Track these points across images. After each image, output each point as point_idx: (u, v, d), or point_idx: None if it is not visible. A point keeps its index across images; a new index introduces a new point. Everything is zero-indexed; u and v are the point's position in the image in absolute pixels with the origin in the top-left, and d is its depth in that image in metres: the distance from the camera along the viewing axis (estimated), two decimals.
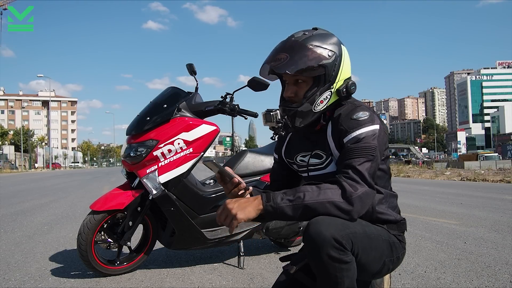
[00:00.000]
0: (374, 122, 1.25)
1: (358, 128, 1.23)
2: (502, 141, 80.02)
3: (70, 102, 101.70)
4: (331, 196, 1.15)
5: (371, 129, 1.23)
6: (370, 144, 1.21)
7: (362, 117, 1.25)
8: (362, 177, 1.18)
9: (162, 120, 2.30)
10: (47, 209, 5.74)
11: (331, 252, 1.10)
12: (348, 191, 1.15)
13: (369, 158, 1.21)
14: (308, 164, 1.38)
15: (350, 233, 1.15)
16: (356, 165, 1.19)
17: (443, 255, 2.82)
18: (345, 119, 1.27)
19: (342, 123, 1.27)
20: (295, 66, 1.24)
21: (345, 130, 1.25)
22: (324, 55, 1.27)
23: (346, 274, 1.13)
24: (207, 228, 2.40)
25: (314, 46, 1.26)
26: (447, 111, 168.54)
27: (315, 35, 1.29)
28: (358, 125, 1.24)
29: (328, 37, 1.31)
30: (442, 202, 6.09)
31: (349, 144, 1.23)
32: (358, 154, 1.20)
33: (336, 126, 1.29)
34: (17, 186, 11.94)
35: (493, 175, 14.11)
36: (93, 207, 2.27)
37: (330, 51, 1.28)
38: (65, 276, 2.43)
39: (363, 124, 1.24)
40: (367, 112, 1.26)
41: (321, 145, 1.34)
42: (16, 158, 51.67)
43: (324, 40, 1.29)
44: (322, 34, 1.30)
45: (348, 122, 1.26)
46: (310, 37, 1.28)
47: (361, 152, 1.20)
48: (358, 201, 1.16)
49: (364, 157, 1.20)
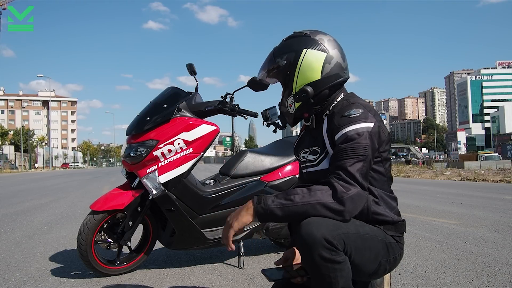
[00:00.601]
0: (367, 120, 1.24)
1: (348, 125, 1.23)
2: (502, 141, 80.00)
3: (70, 102, 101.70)
4: (321, 197, 1.16)
5: (362, 127, 1.23)
6: (361, 143, 1.21)
7: (353, 114, 1.25)
8: (353, 178, 1.18)
9: (162, 120, 2.30)
10: (47, 209, 5.74)
11: (323, 252, 1.11)
12: (339, 192, 1.16)
13: (360, 158, 1.21)
14: (306, 160, 1.40)
15: (342, 233, 1.15)
16: (347, 166, 1.19)
17: (443, 255, 2.82)
18: (337, 116, 1.29)
19: (335, 120, 1.28)
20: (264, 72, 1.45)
21: (337, 127, 1.26)
22: (281, 63, 1.37)
23: (339, 274, 1.13)
24: (207, 228, 2.40)
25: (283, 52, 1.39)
26: (447, 111, 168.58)
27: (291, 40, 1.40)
28: (348, 122, 1.24)
29: (287, 46, 1.39)
30: (442, 202, 6.09)
31: (339, 142, 1.24)
32: (349, 154, 1.21)
33: (330, 122, 1.30)
34: (17, 186, 11.94)
35: (493, 175, 14.11)
36: (93, 207, 2.27)
37: (283, 60, 1.37)
38: (65, 276, 2.43)
39: (354, 121, 1.24)
40: (360, 110, 1.26)
41: (318, 142, 1.36)
42: (16, 158, 51.66)
43: (282, 50, 1.39)
44: (285, 44, 1.41)
45: (339, 119, 1.27)
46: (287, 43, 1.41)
47: (352, 152, 1.21)
48: (349, 201, 1.16)
49: (355, 157, 1.20)
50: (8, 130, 63.91)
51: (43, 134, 78.13)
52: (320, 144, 1.34)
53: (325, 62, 1.34)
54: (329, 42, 1.36)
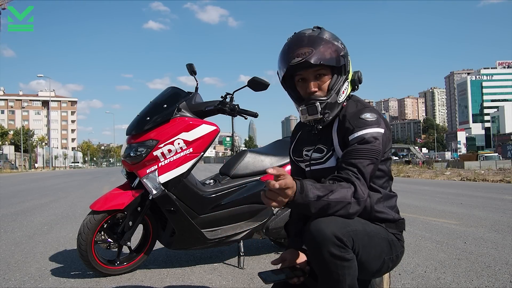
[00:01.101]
0: (380, 125, 1.28)
1: (365, 128, 1.26)
2: (502, 141, 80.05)
3: (70, 102, 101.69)
4: (347, 195, 1.17)
5: (377, 131, 1.27)
6: (376, 147, 1.25)
7: (370, 118, 1.28)
8: (365, 179, 1.22)
9: (162, 120, 2.30)
10: (47, 209, 5.74)
11: (333, 249, 1.11)
12: (360, 193, 1.19)
13: (373, 161, 1.24)
14: (310, 158, 1.41)
15: (351, 231, 1.16)
16: (362, 166, 1.22)
17: (443, 255, 2.82)
18: (353, 117, 1.30)
19: (350, 121, 1.30)
20: (322, 57, 1.30)
21: (352, 128, 1.28)
22: (340, 47, 1.35)
23: (347, 272, 1.13)
24: (207, 228, 2.40)
25: (331, 39, 1.35)
26: (447, 111, 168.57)
27: (325, 31, 1.38)
28: (365, 125, 1.27)
29: (333, 34, 1.39)
30: (442, 202, 6.09)
31: (355, 142, 1.26)
32: (364, 155, 1.23)
33: (343, 122, 1.32)
34: (17, 186, 11.93)
35: (493, 175, 14.11)
36: (93, 207, 2.27)
37: (341, 44, 1.36)
38: (65, 276, 2.43)
39: (370, 125, 1.27)
40: (375, 114, 1.30)
41: (324, 140, 1.37)
42: (16, 158, 51.63)
43: (333, 35, 1.38)
44: (328, 32, 1.38)
45: (356, 121, 1.29)
46: (322, 33, 1.36)
47: (368, 154, 1.24)
48: (363, 204, 1.21)
49: (369, 159, 1.23)
50: (8, 130, 63.93)
51: (43, 134, 78.14)
52: (327, 142, 1.36)
53: None
54: None
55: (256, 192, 2.49)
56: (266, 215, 2.56)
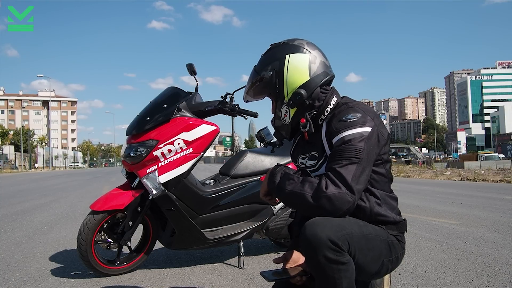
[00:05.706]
0: (365, 124, 1.24)
1: (345, 130, 1.24)
2: (502, 141, 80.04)
3: (70, 102, 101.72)
4: (306, 190, 1.19)
5: (359, 131, 1.23)
6: (355, 146, 1.21)
7: (351, 119, 1.25)
8: (341, 179, 1.17)
9: (162, 120, 2.30)
10: (47, 209, 5.74)
11: (328, 253, 1.11)
12: (320, 189, 1.17)
13: (353, 161, 1.20)
14: (305, 166, 1.40)
15: (346, 234, 1.15)
16: (337, 167, 1.19)
17: (443, 255, 2.82)
18: (335, 120, 1.29)
19: (333, 124, 1.29)
20: (247, 87, 1.44)
21: (335, 131, 1.27)
22: (265, 76, 1.37)
23: (344, 275, 1.13)
24: (207, 228, 2.40)
25: (259, 69, 1.40)
26: (447, 111, 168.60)
27: (260, 60, 1.43)
28: (345, 127, 1.24)
29: (269, 57, 1.39)
30: (442, 202, 6.09)
31: (336, 145, 1.24)
32: (341, 156, 1.21)
33: (328, 126, 1.31)
34: (17, 186, 11.94)
35: (493, 175, 14.10)
36: (93, 207, 2.27)
37: (268, 72, 1.37)
38: (65, 276, 2.43)
39: (351, 126, 1.24)
40: (358, 114, 1.26)
41: (317, 147, 1.36)
42: (16, 158, 51.63)
43: (264, 62, 1.40)
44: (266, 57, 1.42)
45: (337, 124, 1.27)
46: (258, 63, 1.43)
47: (344, 154, 1.21)
48: (325, 200, 1.15)
49: (346, 159, 1.20)
50: (8, 130, 63.91)
51: (43, 134, 78.09)
52: (319, 149, 1.34)
53: (310, 62, 1.36)
54: (308, 44, 1.39)
55: (256, 192, 2.49)
56: (266, 215, 2.56)
